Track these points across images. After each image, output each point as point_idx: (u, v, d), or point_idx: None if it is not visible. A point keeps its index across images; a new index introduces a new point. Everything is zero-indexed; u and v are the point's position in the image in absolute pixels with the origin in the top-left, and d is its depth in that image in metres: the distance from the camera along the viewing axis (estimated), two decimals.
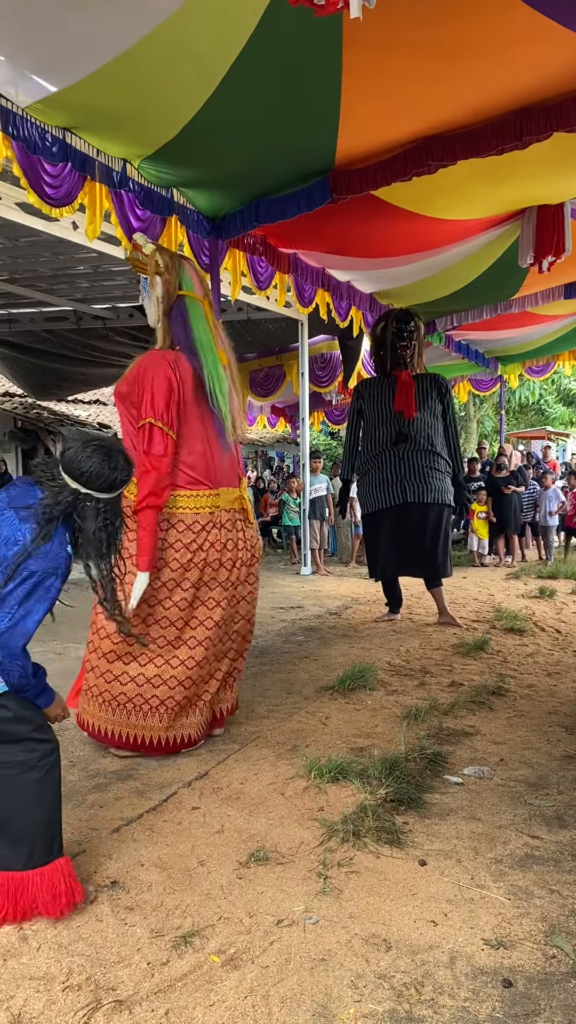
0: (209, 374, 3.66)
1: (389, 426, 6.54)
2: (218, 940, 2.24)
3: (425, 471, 6.43)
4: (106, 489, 2.32)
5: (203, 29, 3.95)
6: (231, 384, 3.77)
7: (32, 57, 4.17)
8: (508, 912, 2.38)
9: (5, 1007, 1.96)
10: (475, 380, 14.96)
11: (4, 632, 2.20)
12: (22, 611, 2.21)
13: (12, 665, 2.24)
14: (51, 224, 6.11)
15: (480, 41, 4.12)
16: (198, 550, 3.59)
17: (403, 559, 6.59)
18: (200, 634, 3.62)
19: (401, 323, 6.70)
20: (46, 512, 2.25)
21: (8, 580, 2.20)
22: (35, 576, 2.22)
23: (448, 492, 6.52)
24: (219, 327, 3.87)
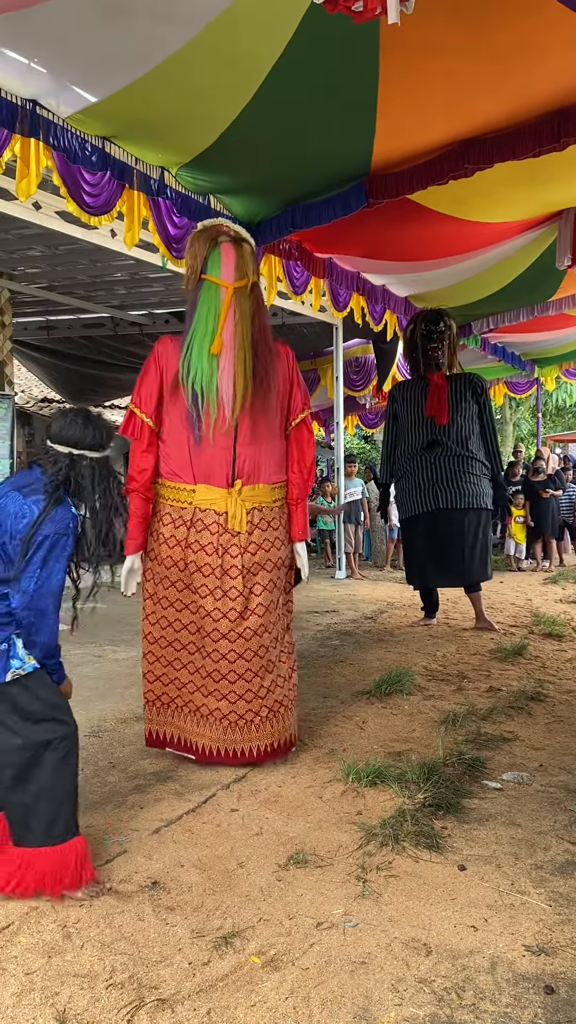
0: (187, 364, 3.37)
1: (421, 431, 6.47)
2: (258, 941, 2.25)
3: (458, 475, 6.34)
4: (95, 447, 2.55)
5: (240, 38, 3.99)
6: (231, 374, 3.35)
7: (73, 68, 4.25)
8: (549, 918, 2.36)
9: (51, 1003, 2.00)
10: (511, 383, 14.86)
11: (32, 593, 2.41)
12: (44, 573, 2.44)
13: (43, 623, 2.47)
14: (89, 232, 6.19)
15: (517, 44, 4.11)
16: (187, 548, 3.44)
17: (439, 567, 6.48)
18: (170, 635, 3.54)
19: (430, 324, 6.62)
20: (52, 480, 2.46)
21: (26, 549, 2.39)
22: (49, 539, 2.41)
23: (484, 495, 6.42)
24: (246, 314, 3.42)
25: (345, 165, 5.53)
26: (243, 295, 3.43)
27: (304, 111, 4.73)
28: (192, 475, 3.45)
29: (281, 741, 3.57)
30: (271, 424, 3.51)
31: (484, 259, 7.80)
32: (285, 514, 3.62)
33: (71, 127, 4.64)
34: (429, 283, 8.59)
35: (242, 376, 3.36)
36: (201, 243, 3.49)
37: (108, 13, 3.73)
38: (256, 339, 3.43)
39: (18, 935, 2.29)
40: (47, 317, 10.93)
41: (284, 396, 3.57)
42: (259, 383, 3.40)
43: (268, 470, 3.52)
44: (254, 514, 3.46)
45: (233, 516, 3.41)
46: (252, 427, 3.43)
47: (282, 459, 3.60)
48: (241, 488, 3.43)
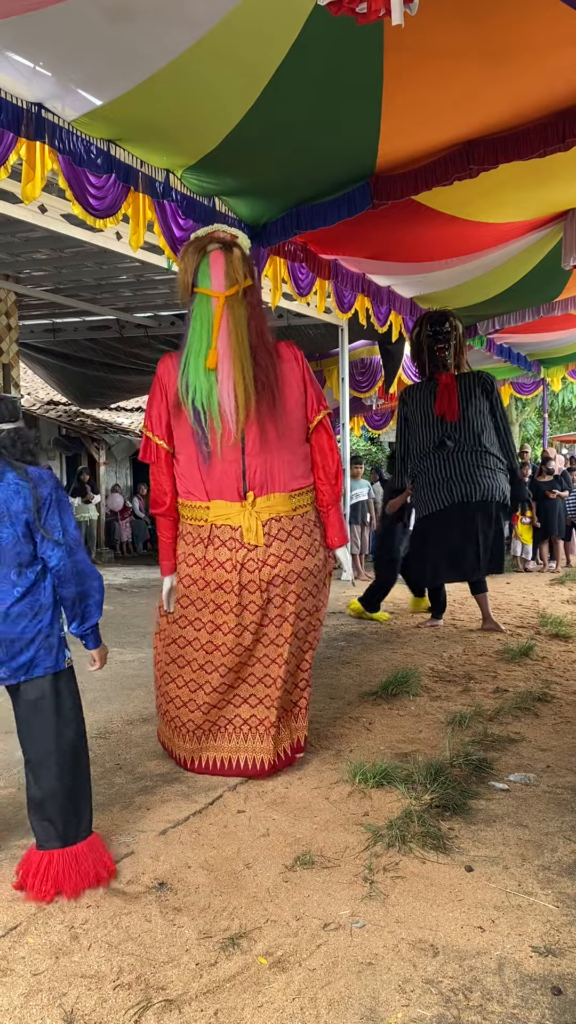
0: (185, 382, 3.32)
1: (433, 430, 6.45)
2: (265, 942, 2.25)
3: (473, 469, 6.29)
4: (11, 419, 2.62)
5: (245, 40, 4.00)
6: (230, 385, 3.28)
7: (78, 71, 4.26)
8: (557, 919, 2.36)
9: (58, 1004, 2.00)
10: (517, 383, 14.84)
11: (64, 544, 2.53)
12: (63, 524, 2.55)
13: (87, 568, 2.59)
14: (95, 235, 6.21)
15: (521, 44, 4.11)
16: (207, 566, 3.38)
17: (453, 561, 6.46)
18: (216, 659, 3.43)
19: (436, 325, 6.59)
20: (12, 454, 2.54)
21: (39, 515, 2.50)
22: (50, 497, 2.53)
23: (500, 489, 6.36)
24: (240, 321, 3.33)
25: (350, 166, 5.54)
26: (236, 302, 3.34)
27: (309, 113, 4.74)
28: (205, 492, 3.38)
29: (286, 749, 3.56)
30: (284, 430, 3.38)
31: (489, 260, 7.81)
32: (311, 521, 3.48)
33: (76, 130, 4.66)
34: (434, 284, 8.59)
35: (242, 385, 3.27)
36: (190, 256, 3.41)
37: (113, 16, 3.75)
38: (255, 345, 3.34)
39: (26, 936, 2.29)
40: (53, 320, 10.97)
41: (298, 399, 3.45)
42: (262, 390, 3.30)
43: (284, 478, 3.40)
44: (271, 525, 3.35)
45: (248, 529, 3.33)
46: (260, 436, 3.33)
47: (303, 464, 3.48)
48: (255, 500, 3.34)
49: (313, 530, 3.48)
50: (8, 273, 8.85)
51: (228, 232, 3.50)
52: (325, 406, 3.54)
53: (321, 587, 3.55)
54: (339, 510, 3.58)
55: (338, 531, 3.58)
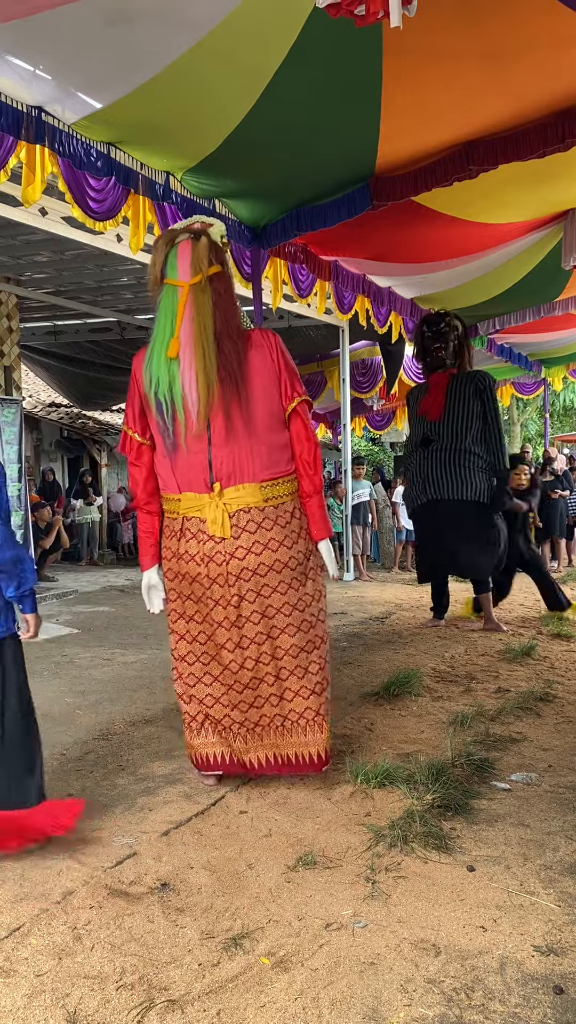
0: (148, 374, 3.25)
1: (418, 429, 6.60)
2: (268, 942, 2.26)
3: (454, 468, 6.30)
4: None
5: (245, 42, 4.01)
6: (192, 374, 3.17)
7: (78, 75, 4.28)
8: (558, 919, 2.36)
9: (61, 1005, 2.01)
10: (518, 383, 14.84)
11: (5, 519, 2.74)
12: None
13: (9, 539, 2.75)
14: (95, 237, 6.23)
15: (520, 45, 4.12)
16: (179, 559, 3.31)
17: (438, 557, 6.53)
18: (196, 649, 3.37)
19: (432, 326, 6.63)
20: None
21: None
22: None
23: (480, 490, 6.31)
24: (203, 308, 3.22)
25: (350, 168, 5.55)
26: (200, 290, 3.23)
27: (308, 114, 4.75)
28: (176, 484, 3.30)
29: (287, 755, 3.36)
30: (251, 418, 3.23)
31: (490, 260, 7.81)
32: (289, 512, 3.33)
33: (76, 133, 4.67)
34: (435, 285, 8.60)
35: (203, 374, 3.16)
36: (160, 248, 3.34)
37: (112, 20, 3.76)
38: (220, 332, 3.21)
39: (28, 937, 2.30)
40: (54, 322, 10.99)
41: (269, 386, 3.29)
42: (226, 378, 3.16)
43: (254, 468, 3.25)
44: (240, 516, 3.23)
45: (213, 521, 3.22)
46: (226, 425, 3.20)
47: (279, 453, 3.32)
48: (222, 491, 3.22)
49: (290, 521, 3.32)
50: (9, 276, 8.87)
51: (203, 222, 3.42)
52: (300, 392, 3.36)
53: (304, 580, 3.35)
54: (320, 501, 3.40)
55: (319, 523, 3.41)
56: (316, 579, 3.42)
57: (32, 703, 2.90)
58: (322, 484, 3.43)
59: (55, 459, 16.37)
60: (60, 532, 10.30)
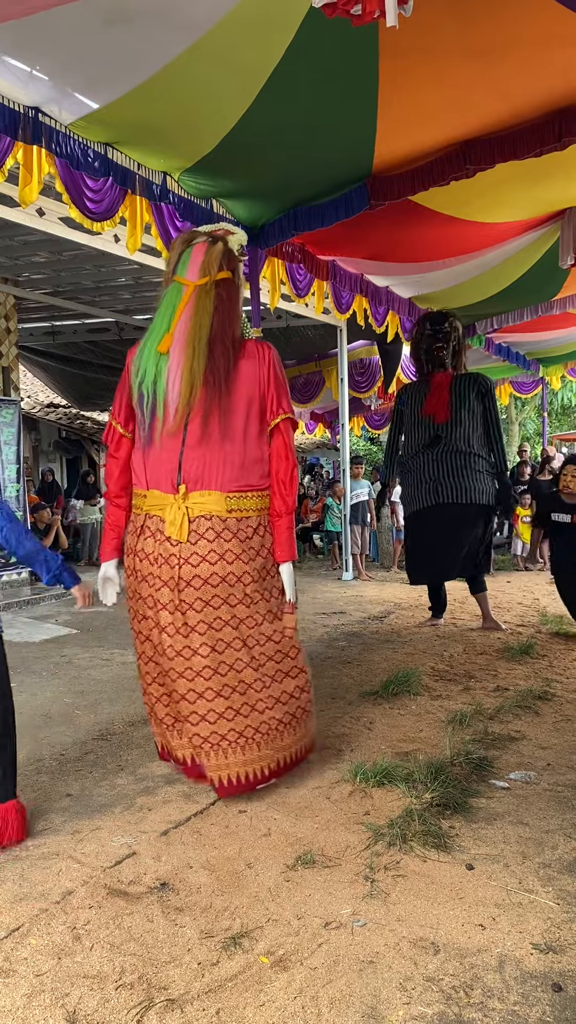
0: (136, 365, 3.26)
1: (423, 428, 6.50)
2: (267, 941, 2.26)
3: (461, 471, 6.33)
4: None
5: (241, 42, 4.01)
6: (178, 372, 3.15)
7: (74, 75, 4.27)
8: (557, 917, 2.36)
9: (60, 1004, 2.01)
10: (516, 382, 14.85)
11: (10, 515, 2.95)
12: None
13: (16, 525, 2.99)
14: (93, 238, 6.22)
15: (517, 45, 4.12)
16: (135, 556, 3.27)
17: (440, 562, 6.50)
18: (148, 649, 3.32)
19: (435, 324, 6.62)
20: None
21: None
22: None
23: (487, 493, 6.40)
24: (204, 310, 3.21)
25: (347, 167, 5.55)
26: (204, 292, 3.23)
27: (305, 114, 4.76)
28: (145, 480, 3.26)
29: (252, 772, 3.22)
30: (230, 426, 3.18)
31: (487, 259, 7.82)
32: (252, 527, 3.24)
33: (73, 133, 4.67)
34: (432, 284, 8.60)
35: (189, 374, 3.13)
36: (177, 247, 3.36)
37: (109, 20, 3.76)
38: (215, 336, 3.19)
39: (28, 937, 2.30)
40: (52, 322, 10.99)
41: (254, 398, 3.25)
42: (211, 382, 3.15)
43: (222, 477, 3.18)
44: (200, 523, 3.15)
45: (172, 522, 3.14)
46: (202, 429, 3.15)
47: (254, 467, 3.26)
48: (187, 494, 3.15)
49: (251, 536, 3.23)
50: (7, 276, 8.87)
51: (226, 229, 3.44)
52: (286, 410, 3.30)
53: (256, 599, 3.23)
54: (289, 523, 3.32)
55: (283, 545, 3.31)
56: (270, 600, 3.29)
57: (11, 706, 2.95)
58: (294, 506, 3.33)
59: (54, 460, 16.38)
60: (59, 533, 10.29)
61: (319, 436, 17.47)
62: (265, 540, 3.28)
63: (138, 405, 3.22)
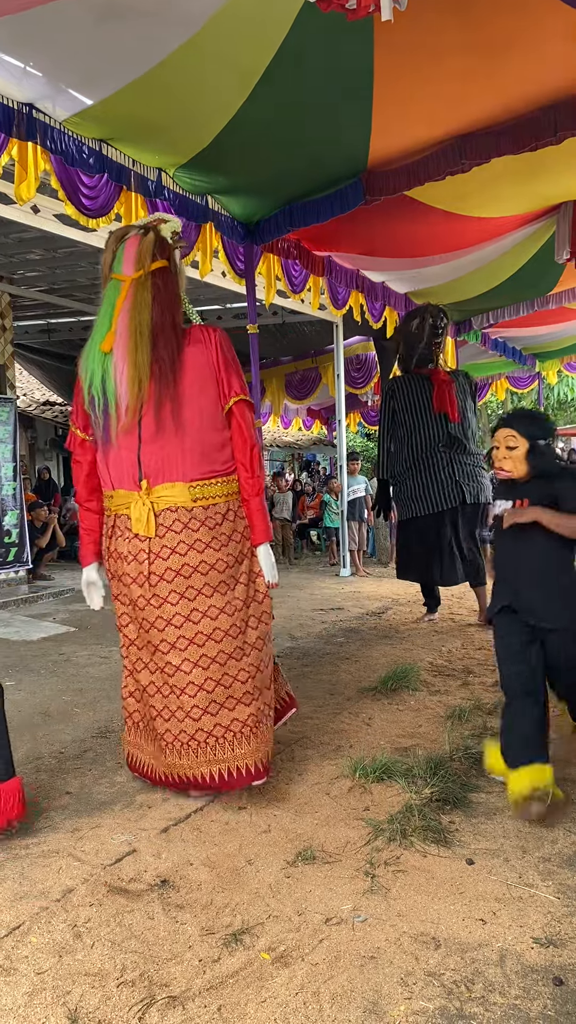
0: (83, 370, 3.23)
1: (435, 428, 6.29)
2: (268, 938, 2.26)
3: (476, 471, 6.32)
4: None
5: (235, 38, 4.00)
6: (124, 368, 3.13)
7: (68, 72, 4.26)
8: (558, 910, 2.37)
9: (62, 1002, 2.01)
10: (513, 377, 14.84)
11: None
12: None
13: None
14: (88, 235, 6.21)
15: (512, 39, 4.11)
16: (111, 557, 3.28)
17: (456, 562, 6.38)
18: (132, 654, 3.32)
19: (437, 319, 6.50)
20: None
21: None
22: None
23: (490, 492, 6.43)
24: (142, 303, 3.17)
25: (342, 162, 5.54)
26: (139, 285, 3.19)
27: (300, 110, 4.74)
28: (110, 481, 3.25)
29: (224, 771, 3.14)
30: (184, 416, 3.14)
31: (483, 254, 7.81)
32: (221, 514, 3.20)
33: (68, 130, 4.66)
34: (428, 279, 8.60)
35: (134, 368, 3.10)
36: (111, 244, 3.31)
37: (101, 17, 3.74)
38: (156, 326, 3.14)
39: (29, 935, 2.30)
40: (48, 320, 10.97)
41: (206, 384, 3.20)
42: (158, 373, 3.12)
43: (184, 467, 3.15)
44: (166, 515, 3.14)
45: (137, 519, 3.15)
46: (156, 422, 3.12)
47: (211, 452, 3.21)
48: (150, 489, 3.14)
49: (220, 523, 3.19)
50: (2, 274, 8.85)
51: (159, 218, 3.39)
52: (238, 391, 3.24)
53: (233, 584, 3.21)
54: (259, 504, 3.27)
55: (257, 527, 3.27)
56: (250, 584, 3.27)
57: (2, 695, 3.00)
58: (262, 487, 3.29)
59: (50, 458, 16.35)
60: (56, 531, 10.28)
61: (316, 432, 17.46)
62: (237, 525, 3.25)
63: (90, 407, 3.20)
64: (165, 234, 3.31)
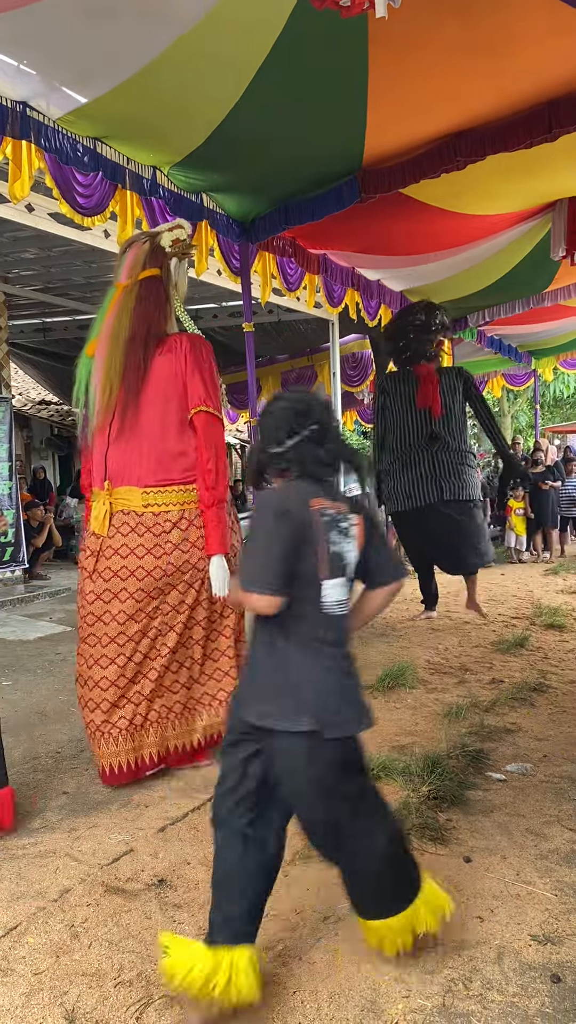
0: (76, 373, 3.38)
1: (418, 423, 6.34)
2: (266, 936, 2.26)
3: (459, 468, 6.27)
4: None
5: (229, 35, 3.98)
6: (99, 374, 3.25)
7: (62, 70, 4.24)
8: (555, 908, 2.37)
9: (59, 1003, 2.00)
10: (509, 375, 14.84)
11: None
12: None
13: None
14: (83, 233, 6.19)
15: (507, 35, 4.10)
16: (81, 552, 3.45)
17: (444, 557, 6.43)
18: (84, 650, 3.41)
19: (432, 316, 6.50)
20: None
21: None
22: None
23: (478, 487, 6.43)
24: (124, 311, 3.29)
25: (337, 160, 5.53)
26: (127, 292, 3.33)
27: (294, 108, 4.73)
28: (89, 479, 3.43)
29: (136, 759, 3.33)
30: (146, 422, 3.23)
31: (479, 252, 7.80)
32: (172, 522, 3.27)
33: (62, 128, 4.64)
34: (424, 277, 8.58)
35: (105, 373, 3.22)
36: (119, 254, 3.51)
37: (94, 15, 3.73)
38: (132, 334, 3.24)
39: (26, 935, 2.30)
40: (43, 319, 10.94)
41: (171, 392, 3.26)
42: (126, 379, 3.21)
43: (139, 472, 3.24)
44: (119, 517, 3.25)
45: (95, 517, 3.30)
46: (121, 425, 3.24)
47: (169, 460, 3.27)
48: (111, 489, 3.27)
49: (169, 531, 3.25)
50: None
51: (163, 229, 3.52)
52: (203, 402, 3.26)
53: (168, 590, 3.29)
54: (215, 515, 3.27)
55: (210, 537, 3.28)
56: (188, 592, 3.32)
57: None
58: (221, 497, 3.30)
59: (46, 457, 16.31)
60: (52, 530, 10.26)
61: None
62: (189, 534, 3.29)
63: (78, 407, 3.38)
64: (164, 243, 3.40)
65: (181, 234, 3.46)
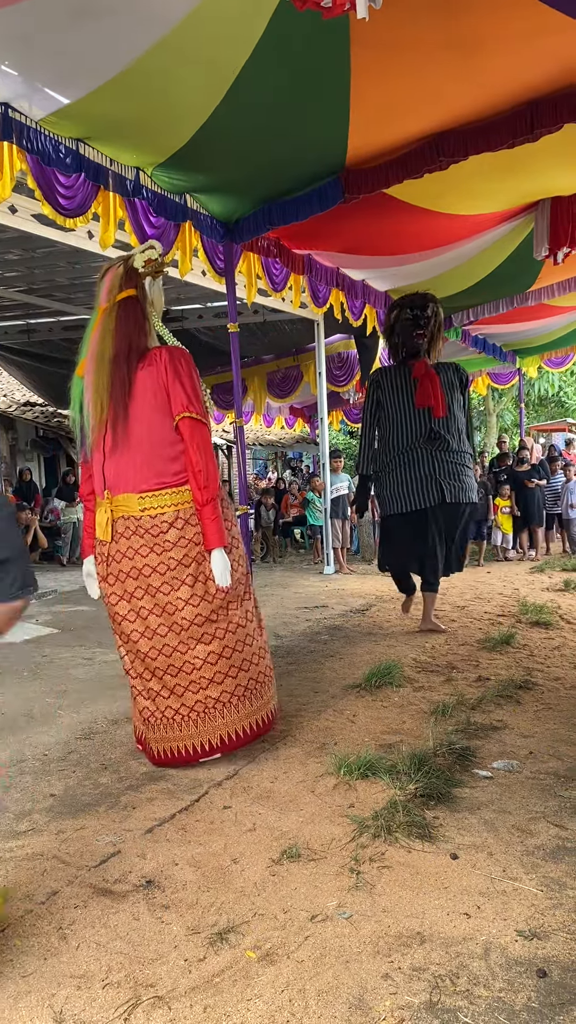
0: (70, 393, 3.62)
1: (418, 422, 6.10)
2: (254, 936, 2.27)
3: (459, 469, 6.11)
4: None
5: (211, 36, 3.99)
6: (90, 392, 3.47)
7: (44, 71, 4.24)
8: (541, 903, 2.38)
9: (47, 1004, 2.00)
10: (494, 374, 14.92)
11: None
12: None
13: None
14: (67, 234, 6.18)
15: (488, 36, 4.13)
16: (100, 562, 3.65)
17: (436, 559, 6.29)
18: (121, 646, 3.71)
19: (416, 308, 6.21)
20: None
21: None
22: None
23: (475, 489, 6.32)
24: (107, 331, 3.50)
25: (321, 161, 5.55)
26: (108, 314, 3.54)
27: (277, 108, 4.74)
28: (94, 490, 3.63)
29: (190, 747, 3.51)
30: (136, 432, 3.43)
31: (462, 251, 7.84)
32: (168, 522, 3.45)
33: (44, 129, 4.63)
34: (408, 277, 8.62)
35: (95, 390, 3.45)
36: (98, 280, 3.69)
37: (77, 15, 3.73)
38: (117, 352, 3.45)
39: (13, 938, 2.29)
40: (27, 320, 10.90)
41: (156, 402, 3.45)
42: (113, 394, 3.43)
43: (134, 479, 3.45)
44: (120, 523, 3.50)
45: (99, 524, 3.56)
46: (113, 438, 3.47)
47: (160, 465, 3.45)
48: (112, 498, 3.52)
49: (165, 531, 3.45)
50: None
51: (135, 252, 3.67)
52: (185, 408, 3.43)
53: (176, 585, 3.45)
54: (211, 512, 3.47)
55: (208, 533, 3.47)
56: (194, 585, 3.49)
57: None
58: (213, 495, 3.49)
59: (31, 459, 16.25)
60: (37, 533, 10.23)
61: (298, 431, 17.45)
62: (185, 532, 3.50)
63: (73, 425, 3.62)
64: (137, 264, 3.61)
65: (152, 254, 3.63)
